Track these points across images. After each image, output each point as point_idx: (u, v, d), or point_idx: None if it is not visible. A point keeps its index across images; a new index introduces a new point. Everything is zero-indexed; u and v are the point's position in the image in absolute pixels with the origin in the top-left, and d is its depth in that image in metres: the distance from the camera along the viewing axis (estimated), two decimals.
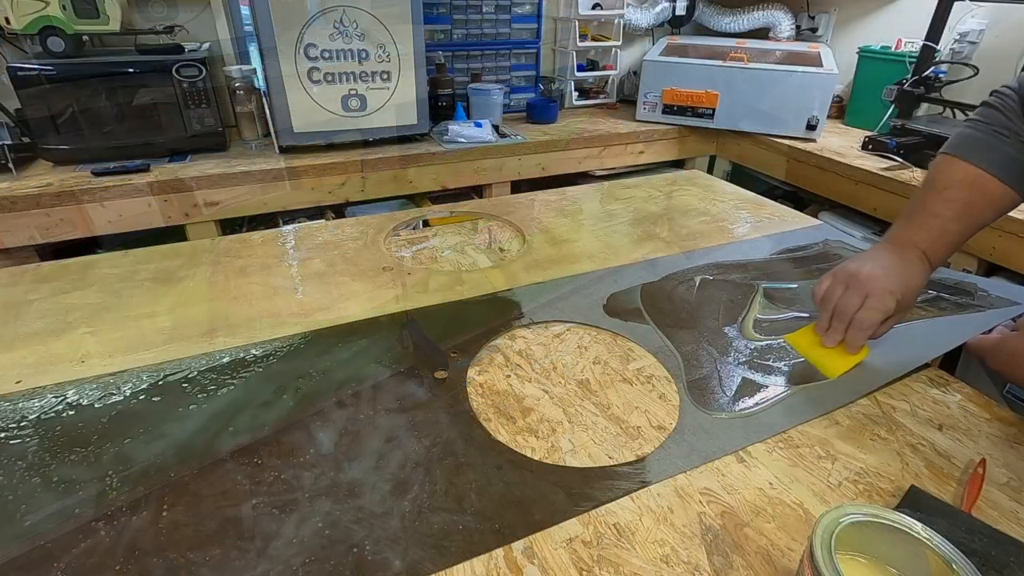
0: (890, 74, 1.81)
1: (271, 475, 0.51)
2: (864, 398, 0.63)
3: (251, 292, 0.81)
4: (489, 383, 0.64)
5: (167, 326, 0.72)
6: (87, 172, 1.39)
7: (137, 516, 0.47)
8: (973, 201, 0.64)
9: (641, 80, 2.01)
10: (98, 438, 0.55)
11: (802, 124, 1.82)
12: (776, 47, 2.04)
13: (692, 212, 1.13)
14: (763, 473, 0.53)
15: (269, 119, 1.56)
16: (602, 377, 0.66)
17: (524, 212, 1.11)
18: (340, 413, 0.59)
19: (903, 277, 0.64)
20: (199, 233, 1.46)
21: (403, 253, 0.95)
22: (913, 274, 0.64)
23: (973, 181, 0.64)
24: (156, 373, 0.64)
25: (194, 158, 1.53)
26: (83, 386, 0.62)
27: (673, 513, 0.49)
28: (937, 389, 0.66)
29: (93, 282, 0.82)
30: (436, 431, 0.57)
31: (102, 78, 1.40)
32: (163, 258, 0.90)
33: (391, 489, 0.50)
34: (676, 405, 0.61)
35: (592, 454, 0.55)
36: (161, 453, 0.53)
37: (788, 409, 0.61)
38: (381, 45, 1.55)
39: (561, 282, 0.85)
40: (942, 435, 0.59)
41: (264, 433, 0.56)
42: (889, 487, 0.52)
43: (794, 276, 0.87)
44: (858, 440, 0.58)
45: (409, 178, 1.66)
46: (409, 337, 0.70)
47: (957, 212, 0.65)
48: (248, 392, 0.61)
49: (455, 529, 0.47)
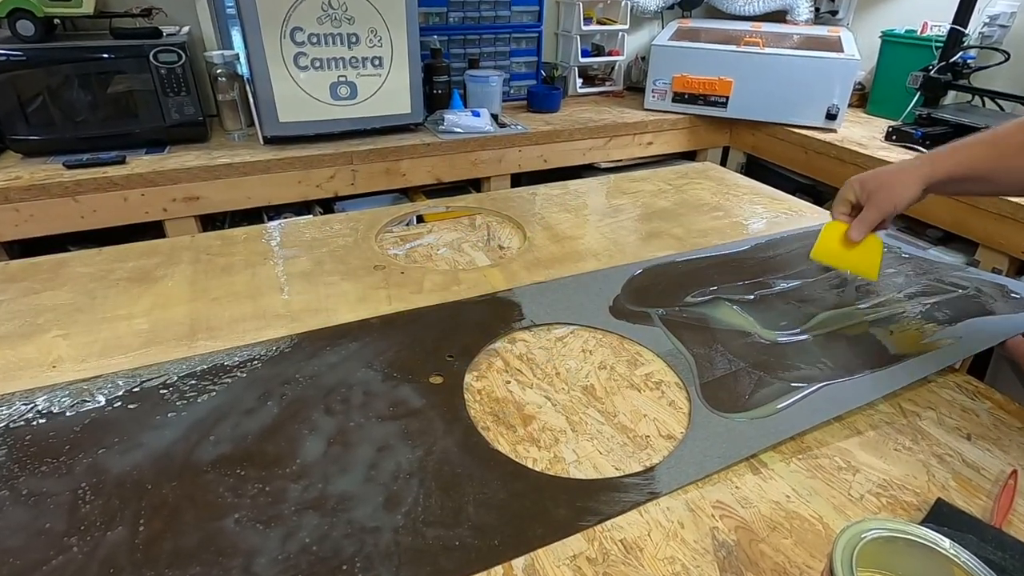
0: (915, 60, 1.81)
1: (255, 487, 0.51)
2: (888, 405, 0.63)
3: (234, 292, 0.81)
4: (488, 389, 0.64)
5: (144, 328, 0.73)
6: (59, 164, 1.39)
7: (112, 531, 0.47)
8: (1010, 133, 0.64)
9: (650, 66, 2.01)
10: (70, 448, 0.55)
11: (821, 113, 1.82)
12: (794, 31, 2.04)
13: (704, 207, 1.13)
14: (780, 485, 0.53)
15: (253, 108, 1.56)
16: (608, 383, 0.66)
17: (525, 207, 1.11)
18: (329, 421, 0.59)
19: (886, 170, 0.69)
20: (178, 229, 1.46)
21: (396, 251, 0.95)
22: (903, 168, 0.68)
23: (1021, 123, 0.64)
24: (132, 379, 0.64)
25: (173, 150, 1.53)
26: (54, 393, 0.62)
27: (684, 528, 0.49)
28: (966, 396, 0.66)
29: (65, 282, 0.82)
30: (431, 440, 0.57)
31: (75, 64, 1.40)
32: (140, 256, 0.90)
33: (383, 502, 0.50)
34: (687, 412, 0.61)
35: (597, 465, 0.55)
36: (138, 464, 0.53)
37: (806, 410, 0.61)
38: (372, 29, 1.55)
39: (564, 282, 0.85)
40: (971, 445, 0.59)
41: (247, 442, 0.56)
42: (914, 500, 0.52)
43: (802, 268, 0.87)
44: (881, 450, 0.58)
45: (402, 171, 1.66)
46: None
47: (987, 138, 0.65)
48: (231, 399, 0.61)
49: (451, 545, 0.47)
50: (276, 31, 1.46)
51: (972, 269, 0.89)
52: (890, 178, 0.69)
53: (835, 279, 0.86)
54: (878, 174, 0.70)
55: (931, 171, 0.66)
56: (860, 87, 2.07)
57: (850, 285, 0.84)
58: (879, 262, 0.73)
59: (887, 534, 0.39)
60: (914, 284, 0.84)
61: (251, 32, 1.44)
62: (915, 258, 0.92)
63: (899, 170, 0.69)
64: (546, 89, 2.04)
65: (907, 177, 0.67)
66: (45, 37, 1.41)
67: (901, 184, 0.67)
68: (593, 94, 2.27)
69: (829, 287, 0.84)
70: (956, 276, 0.86)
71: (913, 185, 0.66)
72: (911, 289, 0.83)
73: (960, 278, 0.85)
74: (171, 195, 1.43)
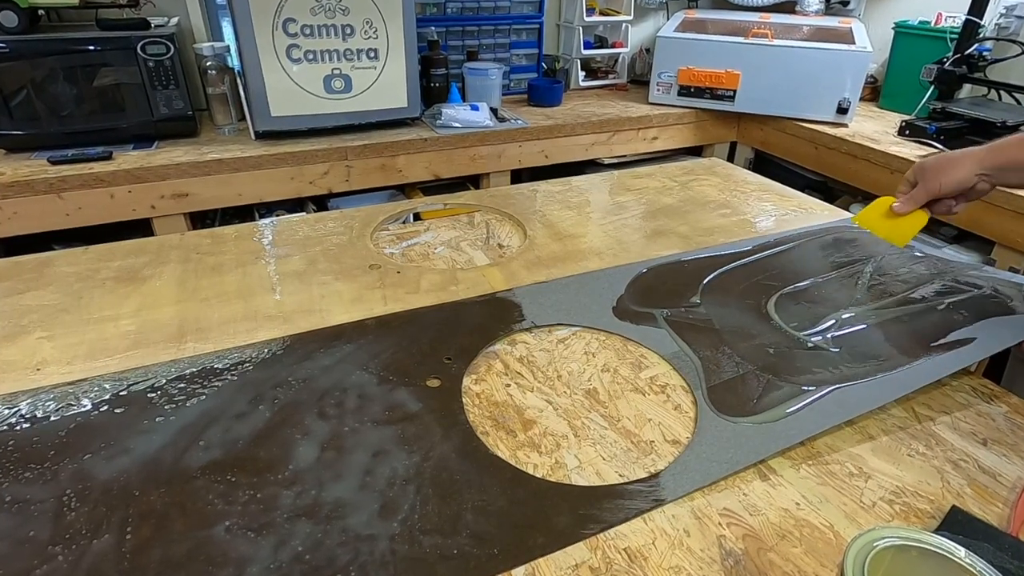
0: (929, 52, 1.81)
1: (246, 494, 0.51)
2: (901, 409, 0.63)
3: (224, 293, 0.81)
4: (487, 393, 0.64)
5: (131, 330, 0.73)
6: (43, 160, 1.39)
7: (98, 539, 0.47)
8: None
9: (654, 58, 2.01)
10: (55, 454, 0.55)
11: (832, 107, 1.82)
12: (803, 22, 2.04)
13: (711, 204, 1.13)
14: (789, 492, 0.53)
15: (244, 102, 1.56)
16: (611, 386, 0.66)
17: (525, 204, 1.11)
18: (322, 425, 0.59)
19: (947, 154, 0.74)
20: (166, 227, 1.46)
21: (392, 250, 0.95)
22: (964, 152, 0.72)
23: None
24: (119, 382, 0.64)
25: (161, 145, 1.53)
26: (39, 396, 0.62)
27: (690, 536, 0.49)
28: (981, 399, 0.66)
29: (50, 282, 0.82)
30: (428, 445, 0.57)
31: (60, 56, 1.40)
32: (127, 255, 0.90)
33: (379, 509, 0.50)
34: (693, 417, 0.61)
35: (600, 471, 0.55)
36: (125, 470, 0.53)
37: (817, 415, 0.61)
38: (367, 20, 1.55)
39: (566, 282, 0.85)
40: (987, 450, 0.59)
41: (238, 448, 0.56)
42: (928, 508, 0.52)
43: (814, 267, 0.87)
44: (894, 456, 0.58)
45: (398, 167, 1.66)
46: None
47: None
48: (221, 403, 0.61)
49: (449, 554, 0.47)
50: (268, 22, 1.46)
51: (988, 268, 0.89)
52: (946, 160, 0.73)
53: (847, 279, 0.86)
54: (938, 156, 0.75)
55: (987, 155, 0.68)
56: (872, 80, 2.07)
57: (862, 285, 0.84)
58: (913, 234, 0.83)
59: (900, 543, 0.39)
60: (929, 283, 0.84)
61: (242, 23, 1.44)
62: (930, 257, 0.92)
63: (959, 154, 0.73)
64: (547, 82, 2.04)
65: (962, 159, 0.71)
66: (29, 28, 1.41)
67: (952, 166, 0.70)
68: (596, 87, 2.27)
69: (841, 287, 0.84)
70: (972, 275, 0.86)
71: (964, 168, 0.69)
72: (926, 289, 0.83)
73: (976, 277, 0.85)
74: (159, 192, 1.43)
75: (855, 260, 0.90)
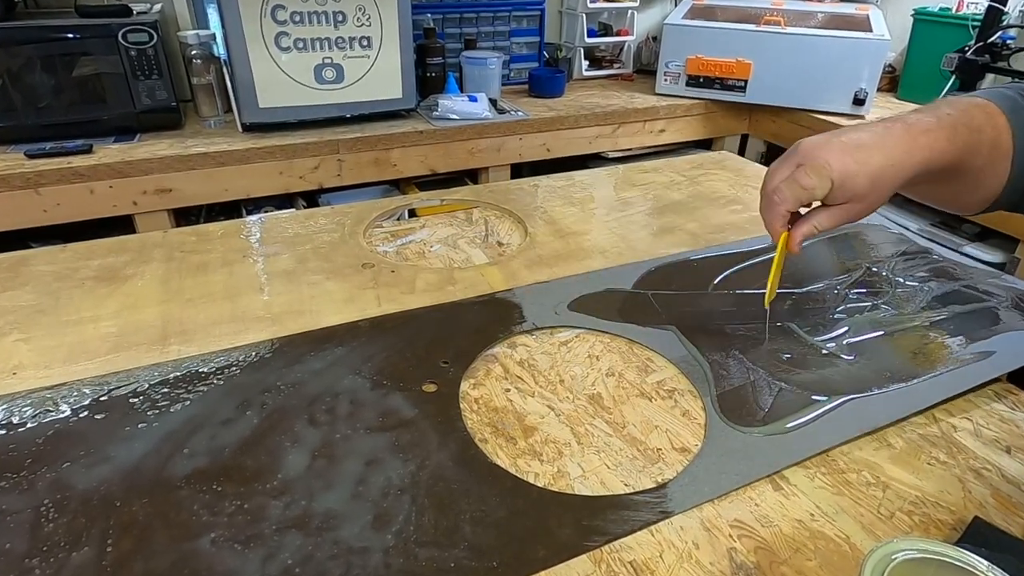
0: (950, 40, 1.81)
1: (232, 504, 0.51)
2: (920, 416, 0.63)
3: (209, 293, 0.81)
4: (485, 398, 0.64)
5: (112, 332, 0.73)
6: (20, 154, 1.39)
7: (77, 552, 0.47)
8: (976, 113, 0.59)
9: (661, 47, 2.02)
10: (32, 462, 0.55)
11: (848, 98, 1.82)
12: (818, 9, 2.04)
13: (721, 200, 1.13)
14: (803, 502, 0.53)
15: (230, 92, 1.56)
16: (616, 391, 0.66)
17: (526, 200, 1.11)
18: (313, 432, 0.59)
19: (868, 150, 0.56)
20: (149, 224, 1.47)
21: (386, 248, 0.95)
22: (893, 145, 0.57)
23: (984, 104, 0.61)
24: (100, 387, 0.64)
25: (143, 138, 1.53)
26: (14, 402, 0.62)
27: (699, 549, 0.49)
28: (1005, 405, 0.66)
29: (26, 281, 0.82)
30: (424, 453, 0.57)
31: (37, 45, 1.40)
32: (108, 253, 0.90)
33: (372, 520, 0.50)
34: (702, 424, 0.62)
35: (605, 480, 0.55)
36: (106, 479, 0.53)
37: (831, 426, 0.61)
38: (360, 7, 1.55)
39: (569, 281, 0.85)
40: (1011, 458, 0.59)
41: (225, 456, 0.56)
42: (949, 519, 0.52)
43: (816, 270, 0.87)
44: (913, 464, 0.58)
45: (393, 161, 1.66)
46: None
47: (958, 109, 0.59)
48: (206, 409, 0.61)
49: (446, 567, 0.47)
50: (256, 9, 1.46)
51: (1008, 276, 0.89)
52: (872, 171, 0.63)
53: (863, 282, 0.86)
54: (863, 172, 0.65)
55: (916, 145, 0.62)
56: (890, 70, 2.08)
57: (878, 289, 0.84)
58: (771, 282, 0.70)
59: (919, 555, 0.39)
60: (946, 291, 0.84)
61: (228, 10, 1.44)
62: (947, 262, 0.92)
63: (888, 144, 0.65)
64: (549, 72, 2.04)
65: (896, 160, 0.63)
66: (5, 16, 1.41)
67: (883, 174, 0.62)
68: (600, 77, 2.28)
69: (856, 290, 0.84)
70: (991, 284, 0.86)
71: (901, 166, 0.64)
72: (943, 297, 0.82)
73: (994, 286, 0.85)
74: (141, 187, 1.43)
75: (871, 262, 0.90)
